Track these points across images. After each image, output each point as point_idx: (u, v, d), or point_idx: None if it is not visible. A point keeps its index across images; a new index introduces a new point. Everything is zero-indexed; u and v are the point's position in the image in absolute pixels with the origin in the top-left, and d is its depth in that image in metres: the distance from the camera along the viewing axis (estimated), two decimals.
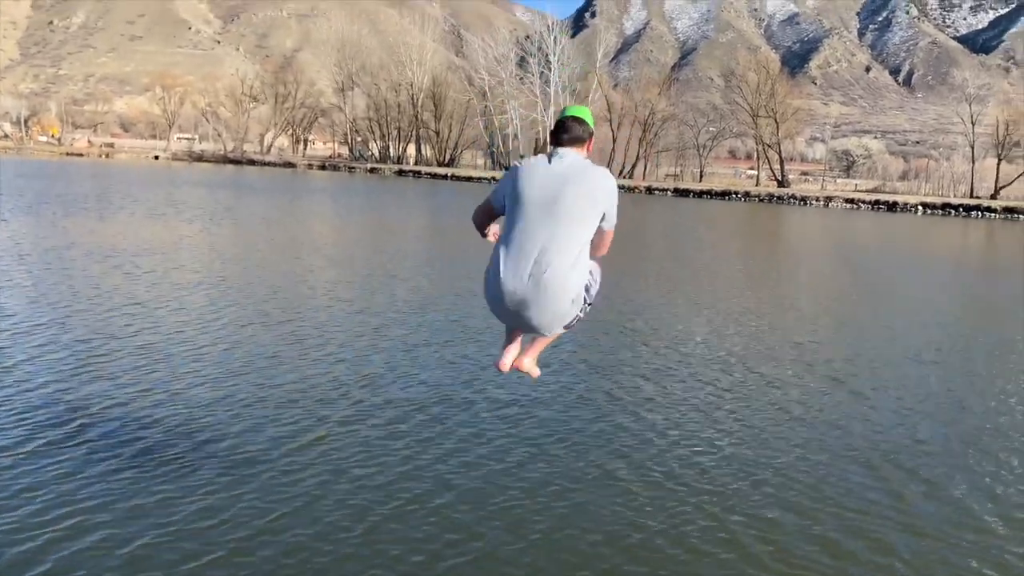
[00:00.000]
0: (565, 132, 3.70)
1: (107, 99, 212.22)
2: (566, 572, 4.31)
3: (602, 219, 3.66)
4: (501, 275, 3.57)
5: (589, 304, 3.73)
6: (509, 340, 4.02)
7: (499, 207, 3.77)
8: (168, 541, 4.39)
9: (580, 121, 3.73)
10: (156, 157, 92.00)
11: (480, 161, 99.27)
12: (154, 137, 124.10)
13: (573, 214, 3.54)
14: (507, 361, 4.00)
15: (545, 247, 3.51)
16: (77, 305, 10.28)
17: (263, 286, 12.71)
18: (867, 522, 5.07)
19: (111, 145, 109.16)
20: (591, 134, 3.77)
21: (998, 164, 70.38)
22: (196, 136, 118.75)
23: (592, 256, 3.71)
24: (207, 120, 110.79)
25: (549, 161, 3.64)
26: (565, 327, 3.73)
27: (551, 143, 3.74)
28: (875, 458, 6.22)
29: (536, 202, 3.55)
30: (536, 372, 4.10)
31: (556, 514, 4.96)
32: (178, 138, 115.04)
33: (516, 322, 3.75)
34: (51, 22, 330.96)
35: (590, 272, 3.69)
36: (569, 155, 3.66)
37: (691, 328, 11.31)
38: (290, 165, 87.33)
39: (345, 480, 5.27)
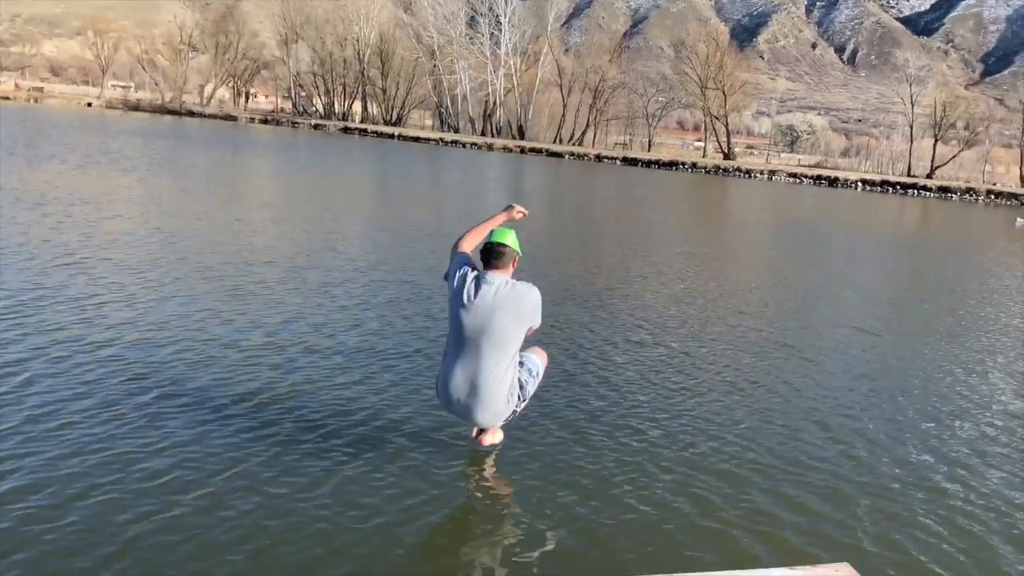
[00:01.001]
0: (493, 258, 4.37)
1: (35, 41, 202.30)
2: (543, 526, 4.20)
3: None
4: (448, 388, 4.39)
5: (524, 401, 4.56)
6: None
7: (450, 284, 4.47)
8: (118, 499, 4.13)
9: (505, 246, 4.38)
10: (89, 104, 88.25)
11: (428, 121, 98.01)
12: (86, 83, 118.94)
13: (501, 341, 4.29)
14: (475, 435, 4.81)
15: (478, 369, 4.30)
16: (5, 256, 9.69)
17: (202, 240, 12.23)
18: (823, 479, 5.10)
19: (40, 89, 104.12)
20: (516, 256, 4.45)
21: (934, 145, 72.55)
22: (132, 84, 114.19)
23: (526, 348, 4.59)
24: (143, 68, 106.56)
25: (479, 286, 4.30)
26: (507, 419, 4.54)
27: (482, 262, 4.40)
28: (830, 420, 6.27)
29: (470, 331, 4.29)
30: (500, 438, 4.84)
31: (528, 471, 4.86)
32: (112, 85, 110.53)
33: (465, 419, 4.55)
34: None
35: (529, 370, 4.58)
36: (496, 280, 4.33)
37: (644, 297, 11.30)
38: (231, 118, 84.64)
39: (299, 431, 5.05)
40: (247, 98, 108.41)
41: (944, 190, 59.14)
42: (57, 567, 3.57)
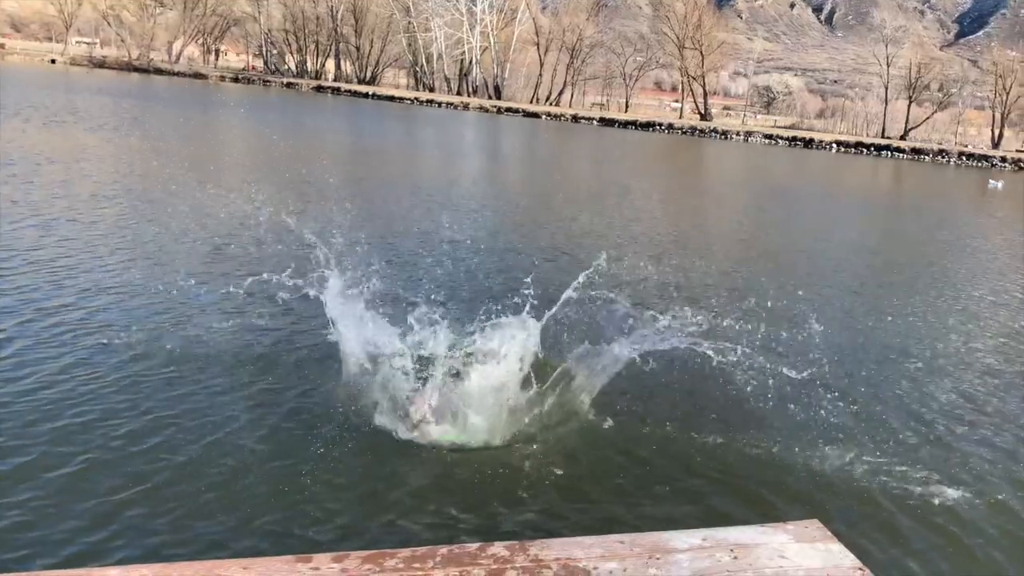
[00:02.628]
0: None
1: None
2: (524, 483, 4.31)
3: None
4: None
5: None
6: None
7: None
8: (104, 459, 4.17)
9: None
10: (53, 61, 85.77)
11: (403, 80, 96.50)
12: (49, 39, 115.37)
13: None
14: None
15: None
16: None
17: (174, 201, 12.09)
18: (793, 439, 5.25)
19: (1, 46, 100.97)
20: None
21: (908, 106, 72.94)
22: (97, 41, 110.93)
23: None
24: (109, 24, 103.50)
25: None
26: None
27: None
28: (802, 379, 6.43)
29: None
30: None
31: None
32: (77, 42, 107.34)
33: None
34: None
35: None
36: None
37: (626, 257, 11.38)
38: (201, 76, 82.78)
39: (278, 392, 5.10)
40: (217, 56, 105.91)
41: (917, 151, 59.63)
42: (40, 528, 3.62)
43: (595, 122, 66.75)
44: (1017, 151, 63.13)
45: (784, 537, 3.46)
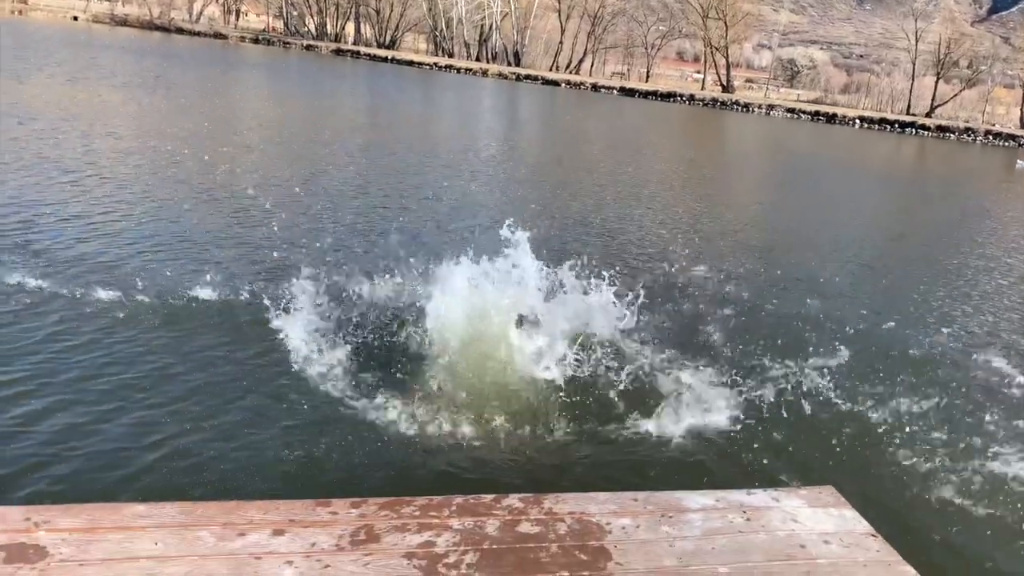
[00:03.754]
0: None
1: None
2: (547, 446, 4.36)
3: None
4: None
5: None
6: None
7: None
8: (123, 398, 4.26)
9: None
10: (75, 18, 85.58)
11: (423, 45, 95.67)
12: None
13: None
14: None
15: None
16: (4, 174, 9.61)
17: (197, 159, 12.14)
18: (810, 407, 5.27)
19: (24, 2, 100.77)
20: None
21: (936, 82, 71.58)
22: None
23: None
24: None
25: None
26: None
27: None
28: (821, 349, 6.43)
29: None
30: None
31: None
32: None
33: None
34: None
35: None
36: None
37: (646, 229, 11.34)
38: (221, 36, 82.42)
39: (307, 355, 5.17)
40: (237, 16, 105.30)
41: (942, 129, 58.63)
42: (71, 464, 3.72)
43: (615, 91, 66.00)
44: None
45: (797, 502, 3.49)
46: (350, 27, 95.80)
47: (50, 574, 2.55)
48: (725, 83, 78.05)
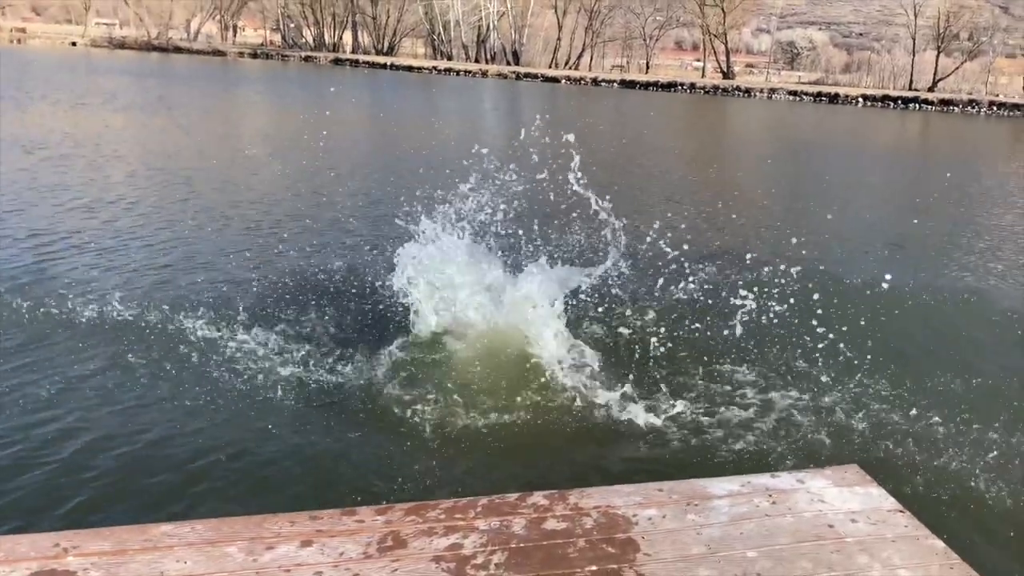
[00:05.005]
0: None
1: None
2: (567, 431, 4.37)
3: None
4: None
5: None
6: None
7: None
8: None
9: None
10: (73, 43, 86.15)
11: (421, 50, 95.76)
12: (69, 22, 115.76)
13: None
14: None
15: None
16: (19, 202, 9.68)
17: (206, 178, 12.21)
18: (833, 385, 5.24)
19: (23, 30, 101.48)
20: None
21: (937, 56, 71.08)
22: (116, 21, 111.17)
23: None
24: (127, 3, 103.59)
25: None
26: None
27: None
28: (842, 328, 6.39)
29: None
30: None
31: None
32: (96, 23, 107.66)
33: None
34: None
35: None
36: None
37: (653, 223, 11.32)
38: (220, 53, 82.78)
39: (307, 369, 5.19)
40: (235, 32, 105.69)
41: (946, 103, 58.20)
42: (92, 487, 3.75)
43: (615, 84, 65.87)
44: None
45: (823, 482, 3.48)
46: (348, 36, 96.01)
47: None
48: (725, 70, 77.76)
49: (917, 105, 58.14)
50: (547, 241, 7.50)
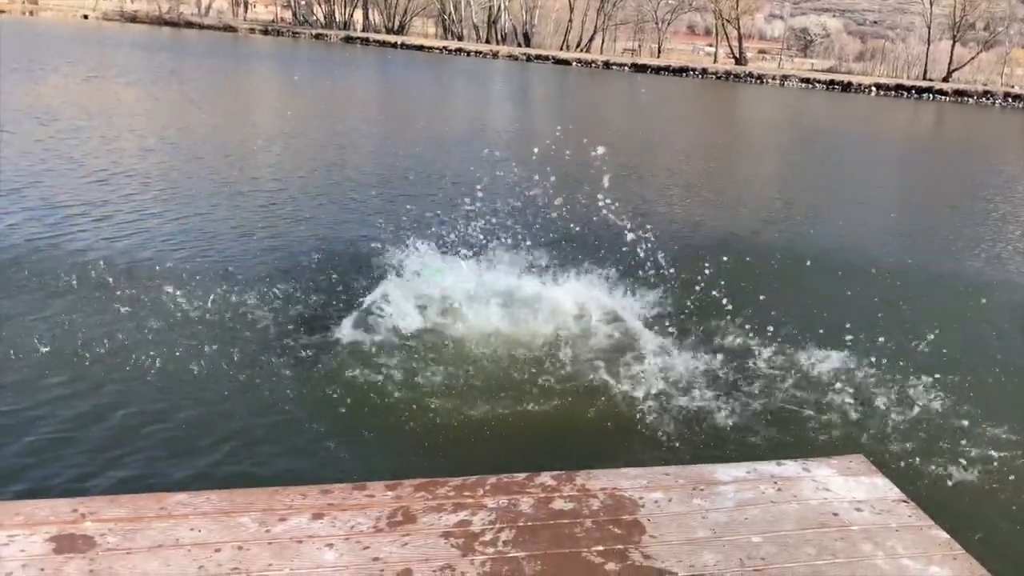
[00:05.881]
0: None
1: None
2: (578, 417, 4.40)
3: None
4: None
5: None
6: None
7: None
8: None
9: None
10: (85, 16, 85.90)
11: (431, 29, 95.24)
12: None
13: None
14: None
15: None
16: (38, 175, 9.71)
17: (218, 153, 12.23)
18: (837, 375, 5.26)
19: (35, 2, 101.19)
20: None
21: (952, 46, 70.37)
22: None
23: None
24: None
25: None
26: None
27: None
28: (847, 318, 6.41)
29: None
30: None
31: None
32: None
33: None
34: None
35: None
36: None
37: (662, 209, 11.31)
38: (231, 29, 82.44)
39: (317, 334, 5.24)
40: (246, 7, 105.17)
41: (960, 93, 57.66)
42: (109, 456, 3.81)
43: (627, 68, 65.44)
44: None
45: (828, 471, 3.51)
46: (358, 14, 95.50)
47: (98, 562, 2.62)
48: (737, 55, 77.18)
49: (931, 95, 57.63)
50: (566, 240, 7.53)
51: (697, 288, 7.13)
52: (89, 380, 4.58)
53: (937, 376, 5.51)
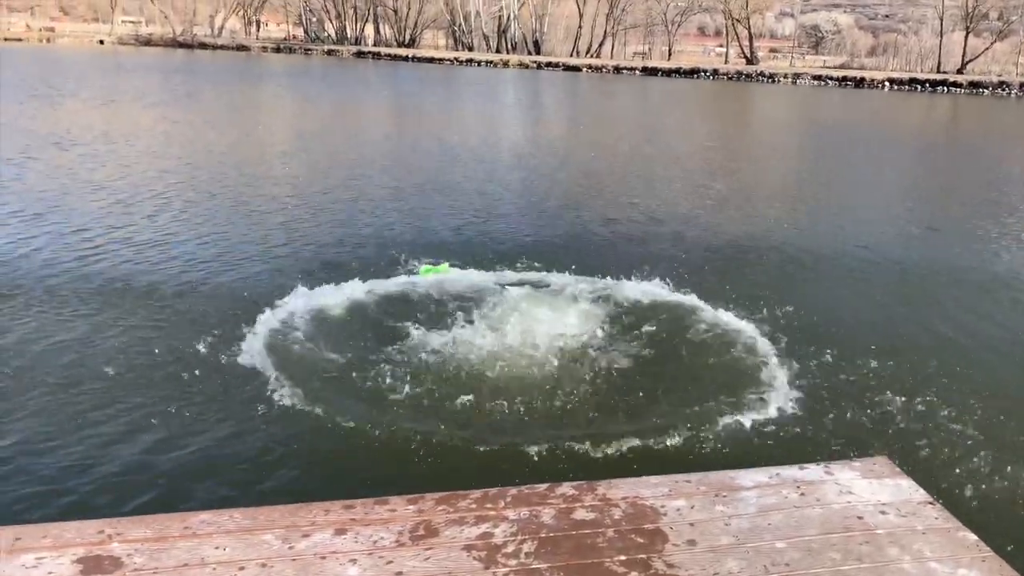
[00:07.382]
0: None
1: None
2: (600, 418, 4.40)
3: None
4: None
5: None
6: None
7: None
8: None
9: None
10: (101, 42, 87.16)
11: (442, 41, 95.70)
12: (96, 20, 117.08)
13: None
14: None
15: None
16: (65, 199, 9.87)
17: (237, 173, 12.34)
18: (861, 376, 5.22)
19: (51, 29, 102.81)
20: None
21: (965, 37, 69.66)
22: (142, 19, 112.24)
23: None
24: (152, 2, 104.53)
25: None
26: None
27: None
28: (868, 314, 6.35)
29: None
30: None
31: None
32: (123, 21, 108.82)
33: None
34: None
35: None
36: None
37: (676, 204, 11.28)
38: (244, 48, 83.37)
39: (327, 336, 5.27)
40: (258, 27, 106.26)
41: (975, 85, 57.06)
42: (133, 476, 3.85)
43: (637, 72, 65.39)
44: None
45: (851, 474, 3.47)
46: (369, 29, 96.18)
47: None
48: (748, 55, 76.87)
49: (945, 88, 57.06)
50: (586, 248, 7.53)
51: (710, 292, 7.11)
52: (112, 402, 4.63)
53: (962, 375, 5.46)
